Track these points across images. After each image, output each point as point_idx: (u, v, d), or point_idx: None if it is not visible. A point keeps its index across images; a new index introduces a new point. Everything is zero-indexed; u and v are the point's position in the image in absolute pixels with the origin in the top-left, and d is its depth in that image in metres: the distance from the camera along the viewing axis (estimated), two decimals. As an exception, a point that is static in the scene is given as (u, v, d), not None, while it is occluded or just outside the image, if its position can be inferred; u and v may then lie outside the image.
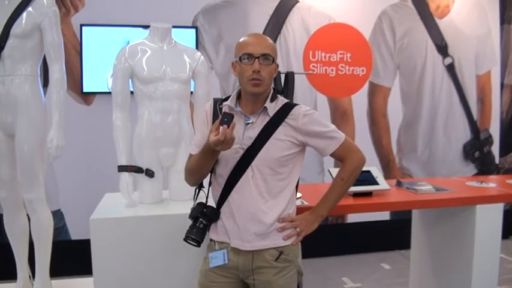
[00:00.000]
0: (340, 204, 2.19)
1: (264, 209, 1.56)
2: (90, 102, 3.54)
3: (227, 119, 1.44)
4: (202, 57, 2.30)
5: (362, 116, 4.08)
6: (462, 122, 4.33)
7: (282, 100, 1.64)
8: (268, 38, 1.60)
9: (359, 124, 4.07)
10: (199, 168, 1.59)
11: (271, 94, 1.61)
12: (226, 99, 1.64)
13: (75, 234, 3.55)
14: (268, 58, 1.54)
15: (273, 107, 1.59)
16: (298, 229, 1.60)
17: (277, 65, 1.62)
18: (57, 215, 3.48)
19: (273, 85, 1.65)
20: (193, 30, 3.59)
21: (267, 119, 1.58)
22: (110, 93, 2.23)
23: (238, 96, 1.63)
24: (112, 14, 3.49)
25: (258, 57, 1.52)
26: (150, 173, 2.18)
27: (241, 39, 1.59)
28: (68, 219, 3.57)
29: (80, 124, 3.49)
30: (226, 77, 3.74)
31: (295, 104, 1.62)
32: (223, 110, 1.61)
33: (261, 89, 1.55)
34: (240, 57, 1.55)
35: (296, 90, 2.30)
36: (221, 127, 1.43)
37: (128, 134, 2.18)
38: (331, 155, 1.62)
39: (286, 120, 1.58)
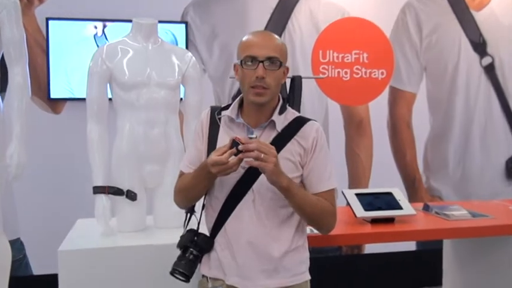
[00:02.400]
0: (356, 232, 2.25)
1: (268, 240, 1.59)
2: (59, 110, 3.57)
3: (236, 147, 1.46)
4: (193, 58, 2.35)
5: (381, 127, 4.11)
6: (504, 133, 4.33)
7: (292, 113, 1.67)
8: (276, 37, 1.62)
9: (378, 137, 4.09)
10: (192, 190, 1.62)
11: (280, 105, 1.64)
12: (227, 107, 1.67)
13: (38, 269, 3.54)
14: (275, 62, 1.56)
15: (281, 121, 1.62)
16: (262, 156, 1.45)
17: (287, 69, 1.65)
18: (16, 245, 3.48)
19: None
20: (183, 26, 3.64)
21: (274, 134, 1.61)
22: (83, 100, 2.27)
23: (240, 104, 1.66)
24: (84, 6, 3.52)
25: (262, 61, 1.54)
26: (131, 196, 2.21)
27: (244, 38, 1.61)
28: (29, 250, 3.56)
29: (47, 137, 3.51)
30: (221, 81, 3.78)
31: (308, 119, 1.66)
32: (221, 119, 1.63)
33: (265, 99, 1.57)
34: (241, 60, 1.57)
35: (303, 98, 2.35)
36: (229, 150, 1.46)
37: (106, 149, 2.22)
38: (315, 194, 1.63)
39: (295, 137, 1.61)
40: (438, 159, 4.26)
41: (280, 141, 1.60)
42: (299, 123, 1.64)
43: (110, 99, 2.26)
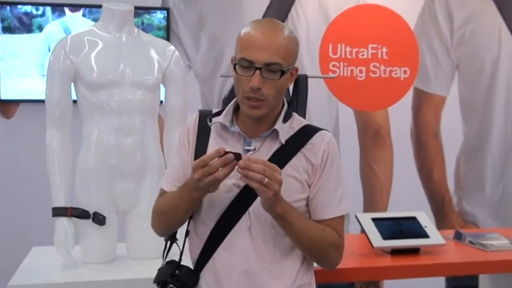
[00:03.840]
0: (372, 265, 2.25)
1: (267, 277, 1.58)
2: (11, 114, 3.58)
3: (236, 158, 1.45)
4: (176, 52, 2.36)
5: (404, 138, 4.13)
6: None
7: (299, 121, 1.67)
8: (284, 31, 1.56)
9: (399, 149, 4.11)
10: (175, 212, 1.62)
11: (285, 111, 1.64)
12: (219, 113, 1.65)
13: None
14: (275, 70, 1.53)
15: (286, 130, 1.62)
16: (266, 181, 1.43)
17: (296, 70, 1.63)
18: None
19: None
20: (164, 13, 3.66)
21: (277, 146, 1.60)
22: (41, 102, 2.28)
23: (236, 109, 1.65)
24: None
25: (260, 68, 1.52)
26: (99, 219, 2.20)
27: (242, 31, 1.57)
28: (-28, 285, 3.55)
29: (-5, 146, 3.52)
30: (210, 80, 3.79)
31: (318, 129, 1.65)
32: (213, 127, 1.63)
33: (262, 113, 1.56)
34: (235, 64, 1.55)
35: (309, 101, 2.36)
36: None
37: (69, 162, 2.22)
38: (320, 221, 1.62)
39: (302, 150, 1.61)
40: (473, 177, 4.27)
41: (284, 155, 1.59)
42: (307, 133, 1.64)
43: (75, 101, 2.27)
